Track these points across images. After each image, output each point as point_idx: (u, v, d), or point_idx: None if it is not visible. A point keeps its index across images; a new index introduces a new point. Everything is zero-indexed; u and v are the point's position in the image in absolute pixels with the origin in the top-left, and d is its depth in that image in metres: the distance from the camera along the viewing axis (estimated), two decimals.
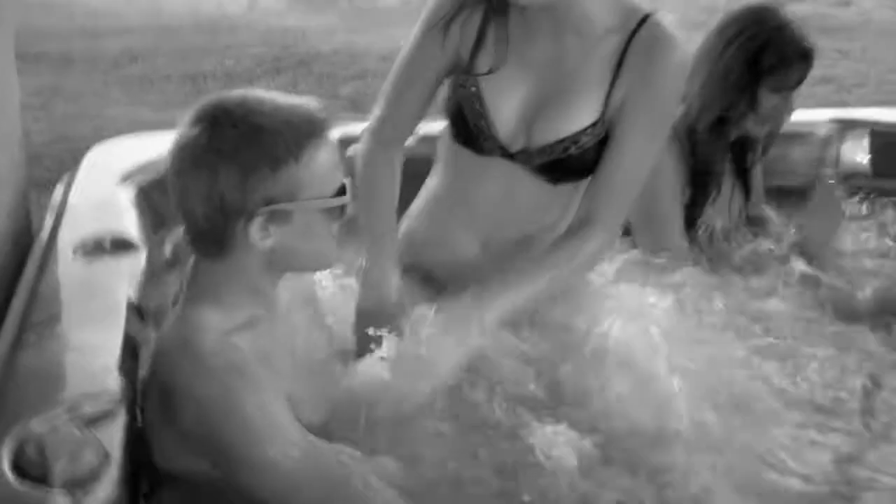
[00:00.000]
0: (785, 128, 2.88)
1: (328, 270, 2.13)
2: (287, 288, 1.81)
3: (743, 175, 2.84)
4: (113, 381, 1.60)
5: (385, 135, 2.26)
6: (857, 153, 3.24)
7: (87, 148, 4.82)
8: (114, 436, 1.49)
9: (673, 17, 2.07)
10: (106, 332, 1.75)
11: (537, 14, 2.08)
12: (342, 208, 1.73)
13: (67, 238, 2.12)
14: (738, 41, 2.60)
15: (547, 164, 2.11)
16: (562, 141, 2.08)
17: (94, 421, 1.50)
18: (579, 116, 2.08)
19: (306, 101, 1.70)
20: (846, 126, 3.32)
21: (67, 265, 2.02)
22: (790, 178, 3.17)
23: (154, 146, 2.72)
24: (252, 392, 1.59)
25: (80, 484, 1.38)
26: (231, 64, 7.19)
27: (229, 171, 1.61)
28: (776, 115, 2.66)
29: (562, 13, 2.06)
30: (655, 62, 2.04)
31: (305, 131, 1.65)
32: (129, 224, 2.22)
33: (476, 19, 2.13)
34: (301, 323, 1.89)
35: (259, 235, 1.65)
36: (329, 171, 1.70)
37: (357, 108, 6.35)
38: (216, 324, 1.66)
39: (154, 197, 2.46)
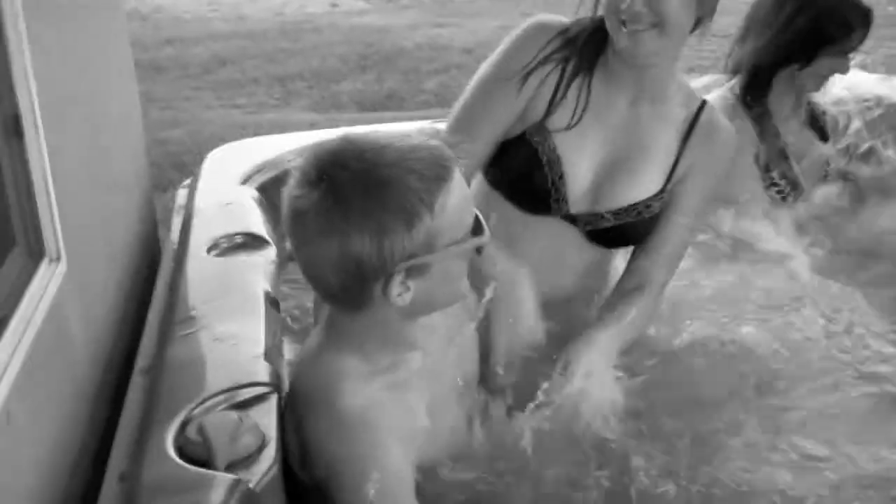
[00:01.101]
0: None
1: None
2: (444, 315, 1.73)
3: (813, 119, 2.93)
4: (262, 369, 1.68)
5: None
6: None
7: (185, 152, 4.98)
8: (269, 419, 1.56)
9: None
10: (248, 324, 1.83)
11: (621, 76, 2.15)
12: (480, 246, 1.64)
13: (199, 238, 2.21)
14: (802, 9, 2.68)
15: (606, 228, 2.18)
16: (629, 208, 2.16)
17: (249, 405, 1.58)
18: (647, 185, 2.17)
19: (427, 140, 1.58)
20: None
21: (203, 263, 2.11)
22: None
23: (268, 148, 2.86)
24: (381, 458, 1.55)
25: (241, 465, 1.46)
26: (317, 64, 7.30)
27: (362, 235, 1.50)
28: (830, 74, 2.77)
29: (643, 78, 2.15)
30: (716, 144, 2.21)
31: (435, 178, 1.53)
32: (256, 222, 2.31)
33: (556, 73, 2.14)
34: (452, 355, 1.81)
35: (398, 292, 1.56)
36: (462, 212, 1.59)
37: (442, 101, 6.40)
38: (357, 371, 1.61)
39: (274, 195, 2.54)
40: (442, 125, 2.30)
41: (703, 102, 2.24)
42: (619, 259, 2.31)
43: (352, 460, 1.55)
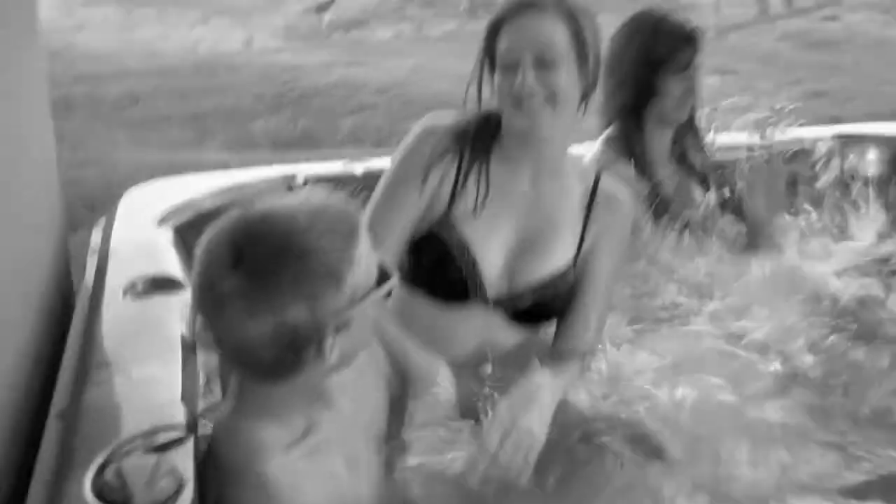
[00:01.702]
0: (788, 146, 3.04)
1: None
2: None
3: (690, 166, 3.03)
4: (179, 412, 1.69)
5: None
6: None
7: (97, 191, 4.92)
8: (186, 462, 1.58)
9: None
10: (165, 367, 1.85)
11: (518, 157, 2.23)
12: (389, 291, 1.66)
13: (115, 280, 2.22)
14: (630, 42, 2.88)
15: (526, 309, 2.25)
16: (545, 283, 2.24)
17: (166, 448, 1.59)
18: (559, 257, 2.26)
19: (327, 199, 1.60)
20: (848, 141, 3.44)
21: (119, 306, 2.12)
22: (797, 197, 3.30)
23: (185, 188, 2.87)
24: None
25: None
26: (231, 102, 7.30)
27: (296, 305, 1.50)
28: (684, 95, 2.90)
29: (540, 156, 2.23)
30: (618, 211, 2.32)
31: (348, 233, 1.56)
32: (173, 264, 2.33)
33: (453, 167, 2.23)
34: (362, 408, 1.82)
35: (329, 351, 1.56)
36: (370, 262, 1.61)
37: (357, 141, 6.46)
38: (277, 440, 1.60)
39: (191, 237, 2.56)
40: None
41: (599, 174, 2.35)
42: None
43: None
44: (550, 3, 2.14)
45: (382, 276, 1.64)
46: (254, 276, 1.49)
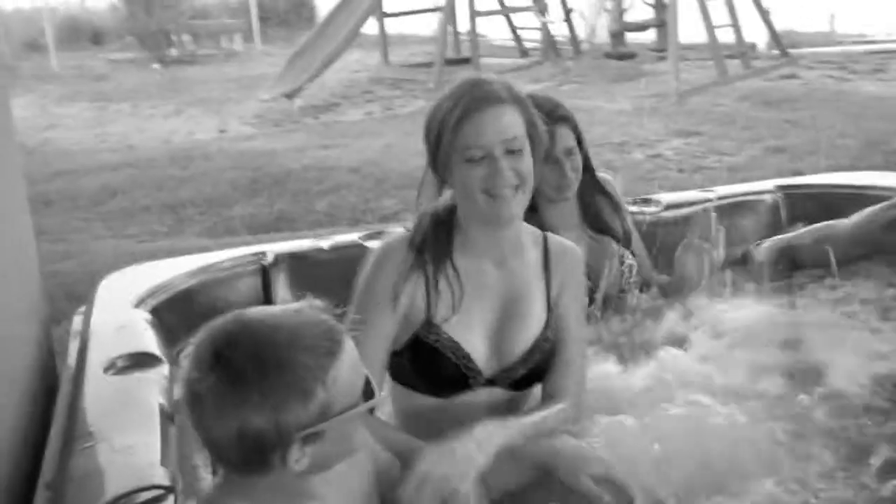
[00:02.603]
0: (735, 198, 3.22)
1: None
2: None
3: (604, 229, 3.07)
4: (159, 473, 1.82)
5: None
6: None
7: (77, 282, 5.02)
8: None
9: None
10: (145, 435, 1.98)
11: (482, 245, 2.34)
12: (372, 408, 1.73)
13: (96, 358, 2.36)
14: None
15: (527, 373, 2.36)
16: (531, 349, 2.36)
17: None
18: (536, 322, 2.38)
19: (317, 315, 1.66)
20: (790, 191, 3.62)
21: (100, 382, 2.26)
22: (743, 245, 3.46)
23: (159, 272, 3.01)
24: None
25: None
26: (208, 190, 7.37)
27: (261, 414, 1.57)
28: (560, 179, 2.91)
29: (503, 238, 2.35)
30: (570, 260, 2.45)
31: (327, 353, 1.62)
32: (150, 341, 2.46)
33: (422, 279, 2.30)
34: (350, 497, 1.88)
35: (296, 459, 1.62)
36: (354, 380, 1.68)
37: (333, 220, 6.59)
38: None
39: (167, 316, 2.71)
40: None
41: (544, 234, 2.47)
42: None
43: None
44: (505, 95, 2.23)
45: (369, 392, 1.72)
46: (226, 380, 1.57)
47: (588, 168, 2.99)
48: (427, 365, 2.32)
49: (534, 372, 2.38)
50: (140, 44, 16.91)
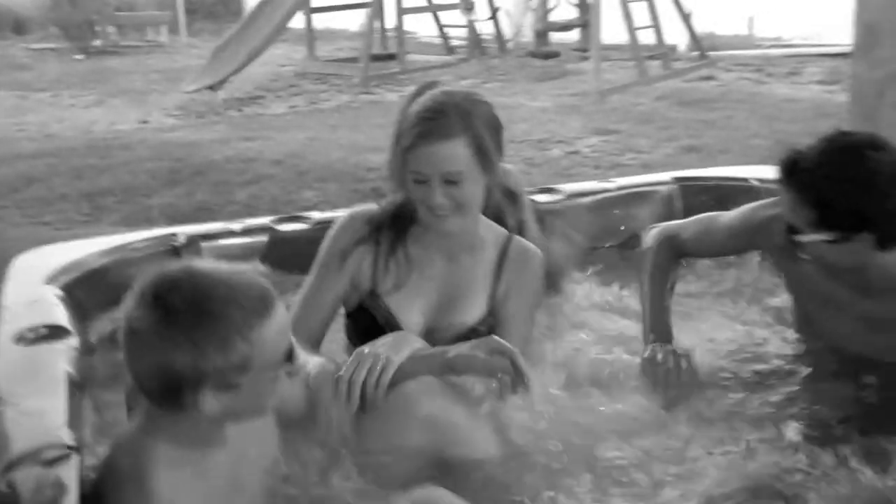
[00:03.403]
0: (633, 188, 3.38)
1: None
2: None
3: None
4: (64, 434, 1.91)
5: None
6: None
7: None
8: (70, 473, 1.80)
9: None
10: (52, 400, 2.07)
11: (434, 240, 2.63)
12: (289, 371, 1.90)
13: (7, 331, 2.44)
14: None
15: None
16: (463, 334, 2.60)
17: (52, 463, 1.82)
18: (471, 314, 2.65)
19: (256, 279, 1.84)
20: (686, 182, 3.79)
21: (10, 352, 2.34)
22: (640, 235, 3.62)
23: (70, 252, 3.08)
24: None
25: None
26: (127, 180, 7.32)
27: (183, 353, 1.73)
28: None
29: (453, 238, 2.62)
30: (527, 267, 2.70)
31: (255, 312, 1.78)
32: (60, 315, 2.55)
33: (371, 252, 2.64)
34: (255, 449, 2.03)
35: (208, 403, 1.79)
36: (276, 342, 1.84)
37: (253, 211, 6.62)
38: (168, 458, 1.83)
39: (76, 293, 2.80)
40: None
41: (510, 236, 2.71)
42: None
43: None
44: (454, 126, 2.46)
45: (289, 358, 1.90)
46: (159, 319, 1.74)
47: None
48: (365, 330, 2.60)
49: None
50: (63, 34, 16.65)
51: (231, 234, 3.30)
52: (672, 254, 2.98)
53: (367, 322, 2.64)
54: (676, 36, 13.18)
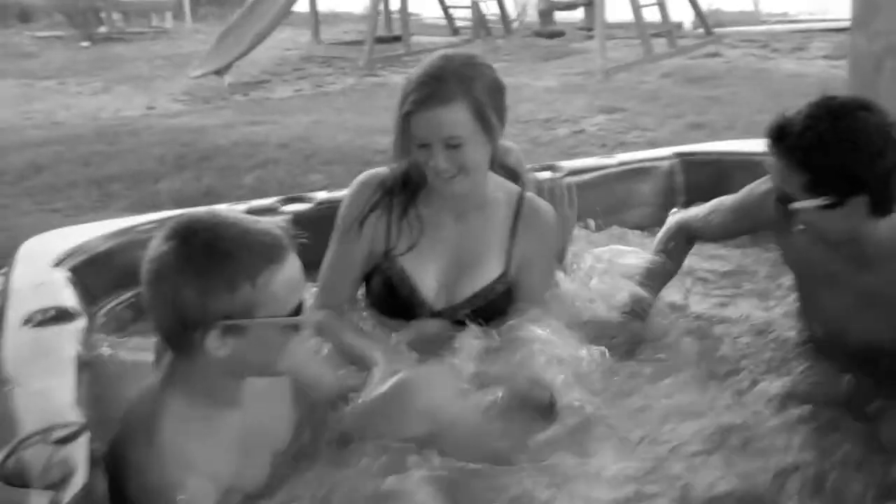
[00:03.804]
0: (633, 163, 3.40)
1: None
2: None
3: None
4: (72, 413, 1.95)
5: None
6: None
7: (4, 255, 5.06)
8: (79, 451, 1.84)
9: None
10: (60, 380, 2.12)
11: (444, 200, 2.67)
12: (297, 325, 1.93)
13: (16, 314, 2.48)
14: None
15: (471, 312, 2.65)
16: (476, 295, 2.68)
17: (62, 441, 1.86)
18: (488, 273, 2.70)
19: (272, 227, 1.89)
20: (687, 158, 3.80)
21: (19, 333, 2.39)
22: (642, 209, 3.65)
23: (79, 235, 3.12)
24: (187, 487, 1.82)
25: (57, 487, 1.73)
26: (134, 166, 7.35)
27: (190, 288, 1.79)
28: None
29: (464, 198, 2.66)
30: (540, 226, 2.75)
31: (265, 258, 1.83)
32: (68, 297, 2.59)
33: (385, 216, 2.70)
34: (264, 407, 2.08)
35: (215, 345, 1.84)
36: (285, 293, 1.87)
37: (260, 193, 6.63)
38: (179, 411, 1.90)
39: (83, 276, 2.84)
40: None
41: (522, 194, 2.75)
42: None
43: (161, 486, 1.83)
44: (453, 91, 2.49)
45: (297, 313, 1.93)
46: (175, 254, 1.81)
47: None
48: (382, 290, 2.70)
49: (477, 313, 2.66)
50: (69, 21, 16.71)
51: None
52: (682, 237, 3.01)
53: (383, 283, 2.70)
54: (682, 13, 13.18)
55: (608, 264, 2.99)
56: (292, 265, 1.89)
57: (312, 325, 2.17)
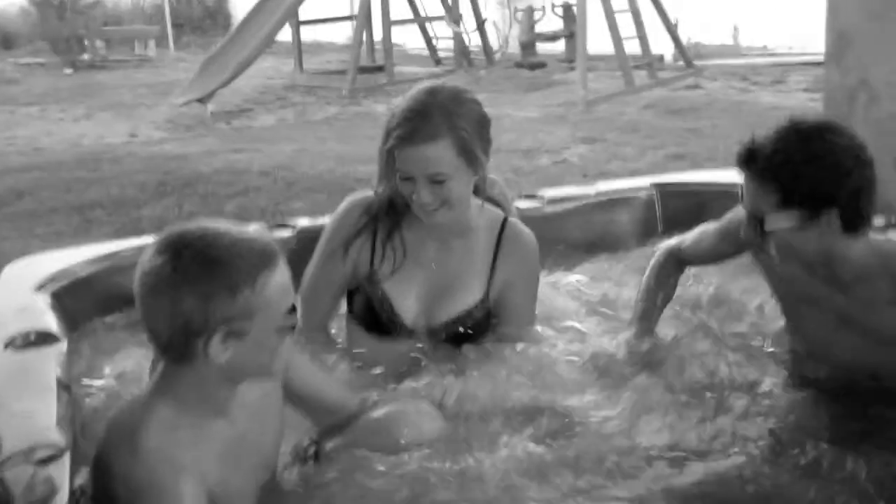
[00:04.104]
0: (611, 195, 3.44)
1: None
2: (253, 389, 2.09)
3: None
4: (54, 435, 1.97)
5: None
6: None
7: None
8: (61, 471, 1.85)
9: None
10: (43, 402, 2.13)
11: (428, 227, 2.68)
12: (292, 325, 2.00)
13: None
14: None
15: (448, 337, 2.71)
16: (454, 320, 2.71)
17: (44, 461, 1.87)
18: (467, 298, 2.74)
19: (259, 234, 1.97)
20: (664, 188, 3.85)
21: (2, 356, 2.40)
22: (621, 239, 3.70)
23: (61, 260, 3.13)
24: (175, 494, 1.85)
25: None
26: (116, 192, 7.34)
27: (192, 297, 1.83)
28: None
29: (446, 225, 2.68)
30: (523, 252, 2.78)
31: (259, 262, 1.89)
32: (49, 321, 2.61)
33: (369, 240, 2.74)
34: (254, 418, 2.11)
35: (217, 350, 1.89)
36: (280, 295, 1.94)
37: (242, 220, 6.60)
38: (167, 418, 1.92)
39: (67, 301, 2.86)
40: None
41: (505, 220, 2.78)
42: None
43: (147, 492, 1.85)
44: (439, 128, 2.52)
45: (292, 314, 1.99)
46: (171, 266, 1.85)
47: None
48: (363, 309, 2.75)
49: (456, 338, 2.71)
50: (52, 49, 16.71)
51: None
52: (672, 264, 3.04)
53: (365, 303, 2.75)
54: (662, 46, 13.30)
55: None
56: (283, 270, 1.95)
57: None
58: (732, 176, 3.83)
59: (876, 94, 4.14)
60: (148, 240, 3.35)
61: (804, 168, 2.40)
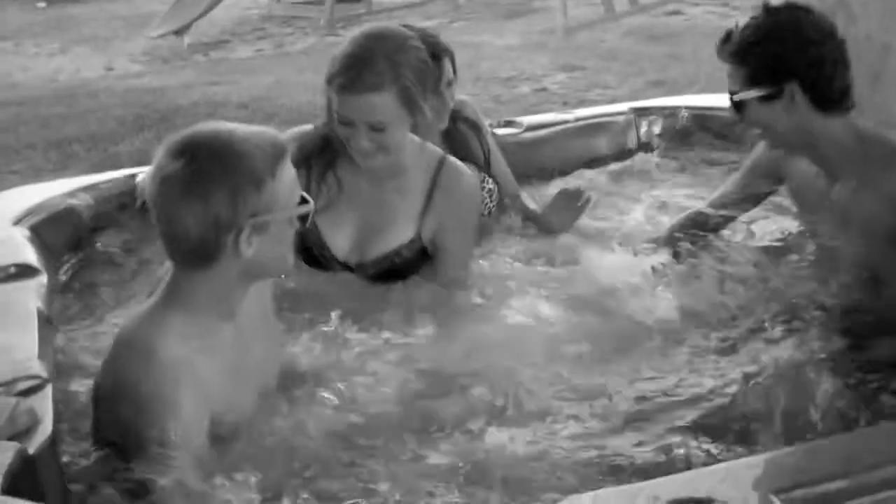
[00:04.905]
0: (591, 119, 3.46)
1: None
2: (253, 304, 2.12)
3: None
4: (36, 366, 1.98)
5: None
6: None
7: None
8: (44, 403, 1.87)
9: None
10: (24, 335, 2.14)
11: (359, 168, 2.66)
12: (303, 218, 2.06)
13: None
14: None
15: (379, 272, 2.73)
16: (383, 257, 2.72)
17: (26, 394, 1.88)
18: (397, 236, 2.73)
19: (265, 128, 2.01)
20: (641, 113, 3.86)
21: None
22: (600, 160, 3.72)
23: (38, 193, 3.12)
24: (181, 403, 1.89)
25: (22, 437, 1.77)
26: (94, 127, 7.32)
27: (221, 193, 1.87)
28: (438, 111, 3.01)
29: (385, 168, 2.67)
30: (458, 192, 2.75)
31: (274, 153, 1.94)
32: (29, 254, 2.61)
33: (303, 175, 2.59)
34: (257, 335, 2.15)
35: (245, 245, 1.93)
36: (293, 185, 2.02)
37: None
38: (177, 329, 1.95)
39: (45, 234, 2.86)
40: None
41: (442, 159, 2.75)
42: None
43: (158, 401, 1.88)
44: (382, 78, 2.49)
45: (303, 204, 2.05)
46: (191, 166, 1.87)
47: None
48: (298, 242, 2.59)
49: (387, 273, 2.73)
50: None
51: None
52: (692, 224, 3.09)
53: (298, 238, 2.72)
54: None
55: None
56: (289, 162, 2.00)
57: None
58: (713, 100, 3.88)
59: (853, 14, 4.13)
60: (127, 171, 3.40)
61: (767, 42, 2.56)
